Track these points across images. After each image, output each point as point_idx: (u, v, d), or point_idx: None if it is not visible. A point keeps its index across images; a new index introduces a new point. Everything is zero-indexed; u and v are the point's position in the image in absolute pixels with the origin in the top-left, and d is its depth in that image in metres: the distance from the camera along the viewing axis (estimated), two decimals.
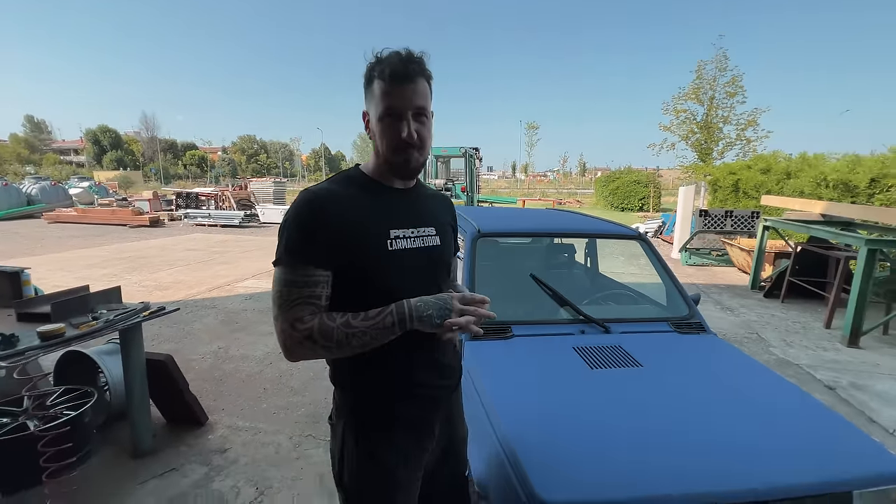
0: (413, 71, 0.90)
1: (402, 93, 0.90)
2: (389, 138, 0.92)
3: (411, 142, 0.92)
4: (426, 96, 0.94)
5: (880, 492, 1.23)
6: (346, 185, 0.97)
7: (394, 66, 0.89)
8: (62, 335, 1.90)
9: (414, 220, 1.00)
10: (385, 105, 0.90)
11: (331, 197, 0.93)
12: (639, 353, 1.75)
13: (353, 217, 0.92)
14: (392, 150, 0.93)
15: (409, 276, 0.97)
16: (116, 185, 29.98)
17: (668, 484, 1.14)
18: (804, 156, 9.15)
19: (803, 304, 5.45)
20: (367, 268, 0.93)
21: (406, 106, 0.91)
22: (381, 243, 0.94)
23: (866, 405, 3.03)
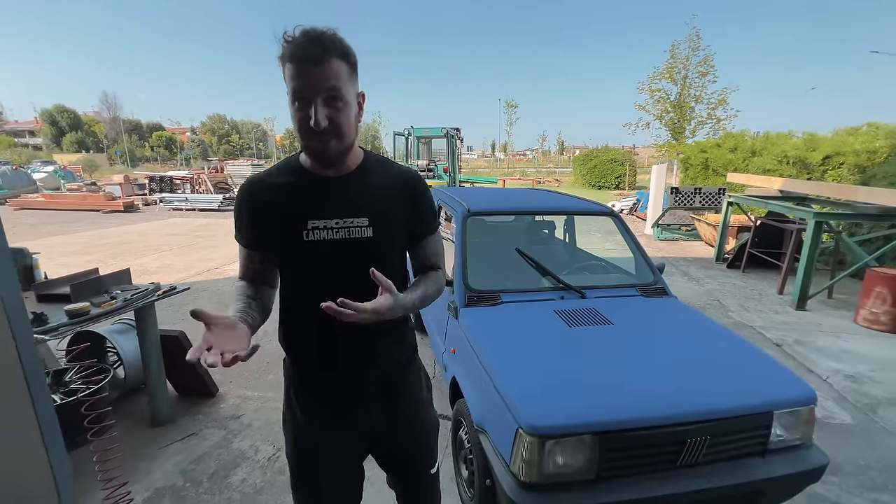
0: (319, 51, 0.82)
1: (310, 75, 0.83)
2: (298, 125, 0.88)
3: (318, 129, 0.86)
4: (340, 77, 0.86)
5: (794, 412, 1.56)
6: (277, 172, 1.01)
7: (298, 46, 0.83)
8: (87, 313, 2.05)
9: (341, 211, 0.96)
10: (292, 89, 0.85)
11: (257, 185, 0.99)
12: (610, 314, 2.04)
13: (271, 206, 0.96)
14: (304, 137, 0.89)
15: (328, 267, 0.97)
16: (80, 168, 28.63)
17: (630, 410, 1.43)
18: (768, 134, 9.66)
19: (761, 273, 5.93)
20: (283, 256, 1.00)
21: (314, 90, 0.84)
22: (295, 233, 0.95)
23: (807, 358, 3.46)
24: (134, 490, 2.00)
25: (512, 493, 1.38)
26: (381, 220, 1.00)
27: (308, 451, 1.11)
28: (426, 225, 1.09)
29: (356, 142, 0.99)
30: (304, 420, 1.09)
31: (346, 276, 0.98)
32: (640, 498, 1.38)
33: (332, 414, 1.09)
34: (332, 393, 1.09)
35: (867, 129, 7.01)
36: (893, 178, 5.58)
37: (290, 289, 1.05)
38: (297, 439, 1.12)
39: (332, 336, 1.02)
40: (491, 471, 1.55)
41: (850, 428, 2.58)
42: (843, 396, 2.91)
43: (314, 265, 0.98)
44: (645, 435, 1.40)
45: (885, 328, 3.96)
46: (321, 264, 0.98)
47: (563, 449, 1.38)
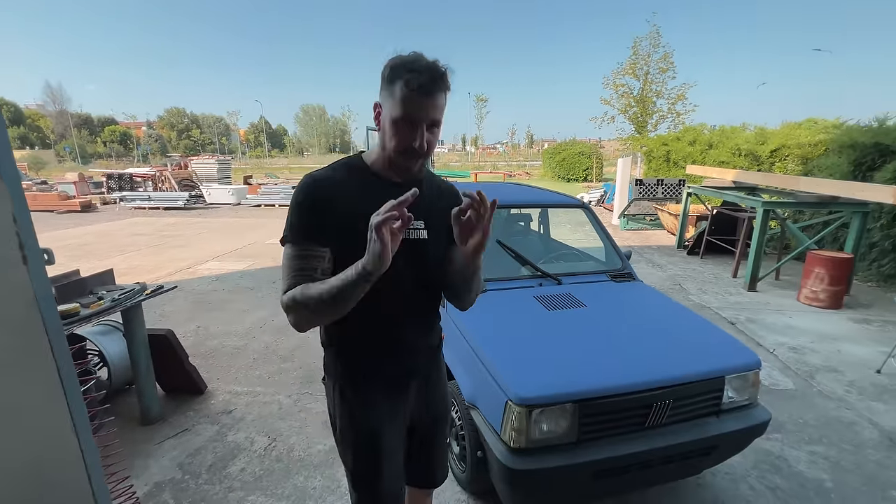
0: (440, 87, 0.92)
1: (424, 105, 0.92)
2: (399, 142, 0.95)
3: (421, 152, 0.96)
4: (442, 109, 0.97)
5: (742, 376, 1.79)
6: (345, 172, 1.03)
7: (424, 79, 0.90)
8: (78, 314, 2.06)
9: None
10: (404, 112, 0.92)
11: (328, 183, 1.00)
12: (584, 297, 2.23)
13: (345, 204, 0.98)
14: (399, 154, 0.97)
15: (391, 266, 0.94)
16: (26, 166, 26.79)
17: (604, 381, 1.62)
18: (723, 128, 10.26)
19: (718, 258, 6.39)
20: (353, 255, 0.92)
21: (424, 118, 0.94)
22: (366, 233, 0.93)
23: (756, 333, 3.82)
24: (134, 485, 2.04)
25: (503, 458, 1.54)
26: (433, 224, 1.09)
27: (373, 445, 1.12)
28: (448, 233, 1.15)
29: None
30: (364, 413, 1.12)
31: (403, 273, 1.03)
32: (614, 456, 1.57)
33: (388, 403, 1.13)
34: (388, 381, 1.13)
35: (809, 123, 7.61)
36: (830, 169, 6.12)
37: None
38: (360, 434, 1.12)
39: (391, 324, 1.08)
40: (483, 442, 1.70)
41: (791, 392, 2.91)
42: (786, 366, 3.26)
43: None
44: (617, 401, 1.59)
45: (823, 305, 4.40)
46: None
47: (548, 417, 1.55)
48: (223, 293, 5.00)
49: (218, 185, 14.56)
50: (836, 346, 3.60)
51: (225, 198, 13.66)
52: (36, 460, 0.89)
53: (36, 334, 0.92)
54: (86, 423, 1.01)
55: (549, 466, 1.53)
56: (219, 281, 5.50)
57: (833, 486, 2.10)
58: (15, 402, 0.86)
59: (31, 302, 0.92)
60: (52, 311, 0.94)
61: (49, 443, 0.94)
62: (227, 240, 8.14)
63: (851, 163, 5.80)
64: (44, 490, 0.91)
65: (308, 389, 2.95)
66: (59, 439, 0.96)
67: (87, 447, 1.01)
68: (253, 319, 4.20)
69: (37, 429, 0.91)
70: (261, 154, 66.28)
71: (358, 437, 1.13)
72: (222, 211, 12.53)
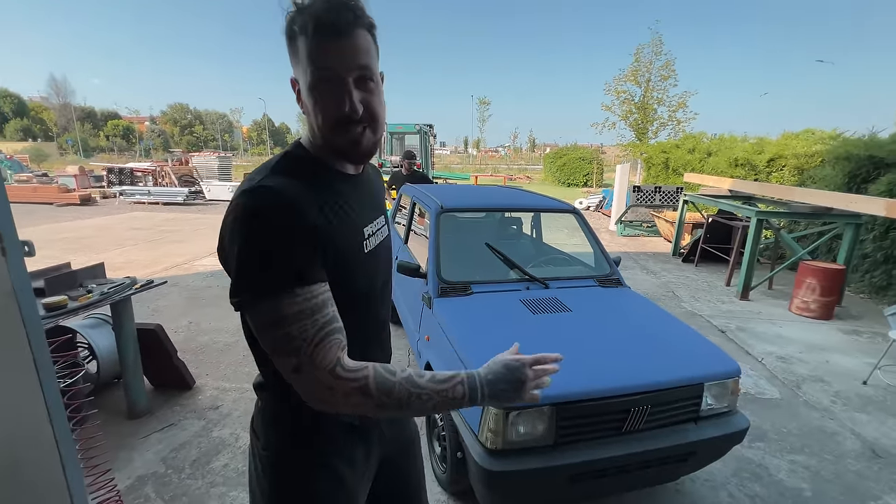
0: (348, 19, 0.67)
1: (337, 51, 0.67)
2: (326, 113, 0.71)
3: (356, 116, 0.71)
4: (370, 52, 0.71)
5: (721, 383, 1.81)
6: (303, 172, 0.74)
7: (321, 14, 0.66)
8: (65, 307, 2.07)
9: (372, 211, 0.85)
10: (315, 69, 0.68)
11: (303, 198, 0.70)
12: (570, 302, 2.25)
13: (331, 216, 0.73)
14: (332, 129, 0.72)
15: (375, 276, 0.85)
16: (27, 158, 26.81)
17: (582, 384, 1.64)
18: (722, 137, 10.30)
19: (712, 266, 6.41)
20: (344, 273, 0.75)
21: (344, 68, 0.68)
22: (359, 246, 0.79)
23: (745, 342, 3.84)
24: (116, 479, 2.04)
25: (480, 460, 1.55)
26: (386, 215, 0.94)
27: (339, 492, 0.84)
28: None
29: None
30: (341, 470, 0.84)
31: (384, 283, 0.88)
32: (591, 460, 1.59)
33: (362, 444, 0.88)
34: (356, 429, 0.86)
35: (806, 134, 7.64)
36: (825, 180, 6.15)
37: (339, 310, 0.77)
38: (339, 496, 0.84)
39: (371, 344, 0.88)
40: (462, 443, 1.72)
41: (777, 402, 2.92)
42: (773, 375, 3.28)
43: (370, 277, 0.83)
44: (594, 405, 1.61)
45: (814, 315, 4.42)
46: (374, 275, 0.84)
47: (525, 419, 1.57)
48: (217, 289, 5.02)
49: (218, 182, 14.59)
50: (824, 356, 3.61)
51: (224, 194, 13.68)
52: (8, 448, 0.91)
53: (13, 325, 0.94)
54: (61, 413, 1.02)
55: (526, 468, 1.54)
56: (213, 277, 5.51)
57: (812, 495, 2.11)
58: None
59: (9, 293, 0.93)
60: (30, 303, 0.95)
61: (23, 431, 0.96)
62: None
63: (846, 174, 5.82)
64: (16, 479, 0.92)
65: None
66: (34, 428, 0.97)
67: (63, 437, 1.02)
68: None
69: (10, 417, 0.92)
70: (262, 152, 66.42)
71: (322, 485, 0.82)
72: (221, 207, 12.55)
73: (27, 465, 0.94)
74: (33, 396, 0.96)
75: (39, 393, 0.97)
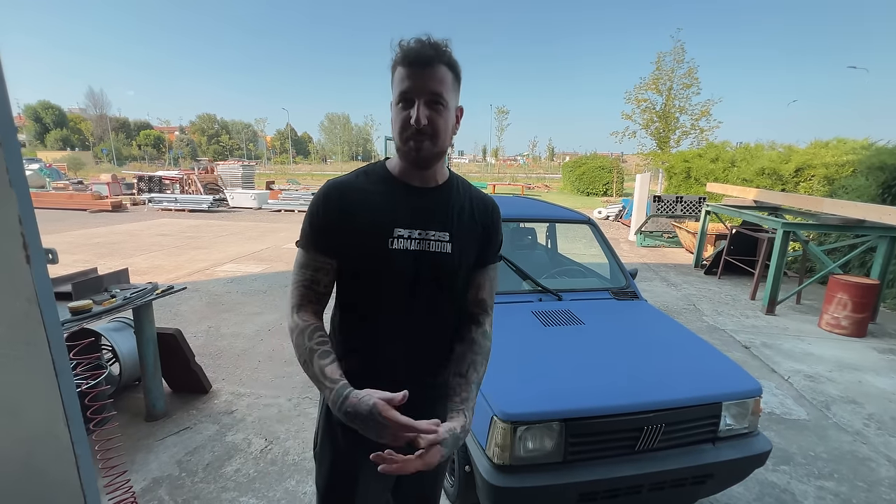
0: (430, 55, 0.86)
1: (418, 77, 0.86)
2: (401, 123, 0.89)
3: (419, 127, 0.87)
4: (444, 83, 0.88)
5: (741, 403, 1.74)
6: (364, 177, 0.98)
7: (411, 50, 0.87)
8: (90, 310, 2.15)
9: (424, 222, 0.95)
10: (399, 90, 0.88)
11: (343, 188, 0.95)
12: (583, 314, 2.21)
13: (359, 209, 0.93)
14: (400, 137, 0.90)
15: (407, 279, 0.94)
16: (65, 166, 28.21)
17: (593, 400, 1.60)
18: (747, 146, 10.03)
19: (736, 279, 6.20)
20: (363, 263, 0.94)
21: (419, 91, 0.87)
22: (381, 239, 0.92)
23: (771, 359, 3.68)
24: (132, 480, 2.09)
25: (487, 475, 1.53)
26: (461, 238, 0.98)
27: (346, 481, 1.04)
28: (493, 254, 1.06)
29: (446, 156, 1.00)
30: (346, 444, 1.01)
31: (423, 291, 0.96)
32: (602, 479, 1.54)
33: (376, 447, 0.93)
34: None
35: (836, 143, 7.36)
36: (857, 191, 5.90)
37: (358, 295, 0.98)
38: (335, 465, 1.04)
39: (402, 342, 0.98)
40: (469, 457, 1.70)
41: (804, 423, 2.78)
42: (801, 395, 3.13)
43: (393, 273, 0.94)
44: (605, 422, 1.57)
45: (845, 332, 4.21)
46: (400, 273, 0.94)
47: (533, 434, 1.54)
48: (237, 295, 5.13)
49: (241, 190, 15.01)
50: (856, 376, 3.43)
51: (247, 202, 14.07)
52: (26, 449, 0.94)
53: (35, 330, 0.98)
54: (78, 416, 1.06)
55: (534, 486, 1.51)
56: (234, 283, 5.64)
57: None
58: (11, 393, 0.91)
59: (32, 299, 0.98)
60: (52, 308, 0.99)
61: (40, 433, 0.99)
62: (245, 243, 8.37)
63: (880, 185, 5.57)
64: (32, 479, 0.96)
65: (308, 394, 2.99)
66: (51, 430, 1.01)
67: (78, 439, 1.06)
68: (262, 322, 4.30)
69: (30, 419, 0.96)
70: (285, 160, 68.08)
71: (331, 469, 1.04)
72: (243, 214, 12.89)
73: (42, 464, 0.97)
74: (51, 398, 0.99)
75: (57, 395, 1.01)
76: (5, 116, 0.82)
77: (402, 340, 0.98)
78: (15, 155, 0.83)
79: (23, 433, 0.94)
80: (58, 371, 1.03)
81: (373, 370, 0.97)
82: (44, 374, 1.00)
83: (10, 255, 0.91)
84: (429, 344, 1.01)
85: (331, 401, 0.85)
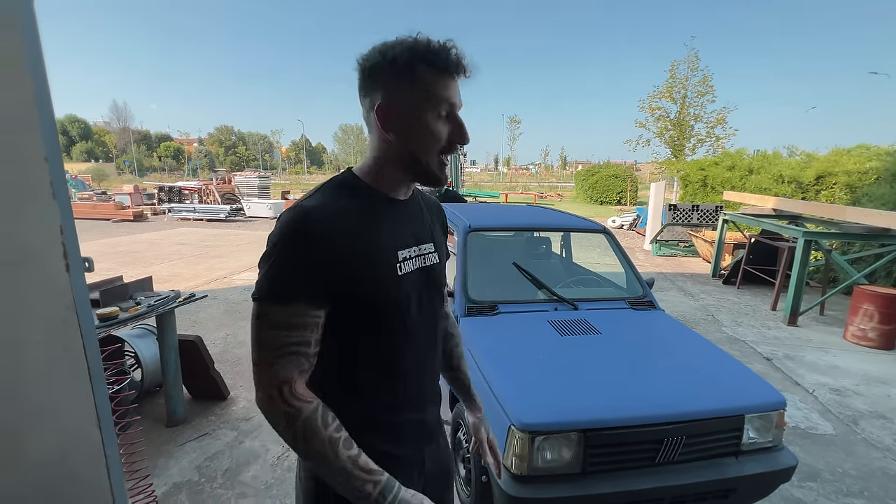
0: (467, 67, 0.78)
1: (455, 89, 0.78)
2: (443, 136, 0.78)
3: (467, 143, 0.82)
4: None
5: (765, 416, 1.70)
6: (345, 197, 0.78)
7: (452, 56, 0.75)
8: (116, 317, 2.22)
9: (416, 236, 0.87)
10: (444, 97, 0.76)
11: (330, 215, 0.74)
12: (599, 324, 2.19)
13: (359, 239, 0.75)
14: (433, 149, 0.79)
15: (414, 302, 0.84)
16: (90, 177, 29.18)
17: (612, 411, 1.58)
18: (764, 154, 9.87)
19: (755, 289, 6.07)
20: (374, 298, 0.77)
21: (459, 104, 0.79)
22: (391, 268, 0.80)
23: (794, 372, 3.58)
24: (154, 484, 2.14)
25: (505, 485, 1.52)
26: (439, 243, 0.94)
27: None
28: (447, 251, 1.04)
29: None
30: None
31: (427, 309, 0.89)
32: (621, 491, 1.52)
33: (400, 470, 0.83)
34: (410, 440, 0.89)
35: (859, 150, 7.20)
36: (882, 199, 5.74)
37: (368, 327, 0.80)
38: None
39: (422, 372, 0.90)
40: (487, 467, 1.69)
41: (831, 438, 2.70)
42: (827, 409, 3.03)
43: (404, 302, 0.83)
44: (625, 433, 1.55)
45: (872, 344, 4.08)
46: (409, 300, 0.84)
47: (551, 445, 1.53)
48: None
49: (258, 200, 15.32)
50: (885, 390, 3.32)
51: (263, 212, 14.33)
52: (62, 451, 0.98)
53: (72, 335, 1.02)
54: (109, 419, 1.09)
55: (552, 497, 1.50)
56: (250, 291, 5.71)
57: None
58: (50, 395, 0.95)
59: (70, 306, 1.02)
60: (88, 315, 1.04)
61: (74, 435, 1.03)
62: (261, 252, 8.50)
63: None
64: (65, 479, 0.99)
65: None
66: (84, 432, 1.05)
67: (109, 442, 1.09)
68: None
69: (65, 421, 0.99)
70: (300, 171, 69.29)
71: None
72: (259, 224, 13.13)
73: (76, 466, 1.01)
74: (85, 401, 1.03)
75: (91, 398, 1.05)
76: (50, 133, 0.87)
77: (420, 370, 0.90)
78: (58, 169, 0.88)
79: (60, 436, 0.98)
80: (92, 376, 1.07)
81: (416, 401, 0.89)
82: (80, 379, 1.04)
83: (52, 264, 0.96)
84: (435, 365, 0.95)
85: (373, 496, 0.71)
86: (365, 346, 0.81)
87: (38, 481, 0.93)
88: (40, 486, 0.94)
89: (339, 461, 0.70)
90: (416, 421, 0.90)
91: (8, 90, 0.75)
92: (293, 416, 0.70)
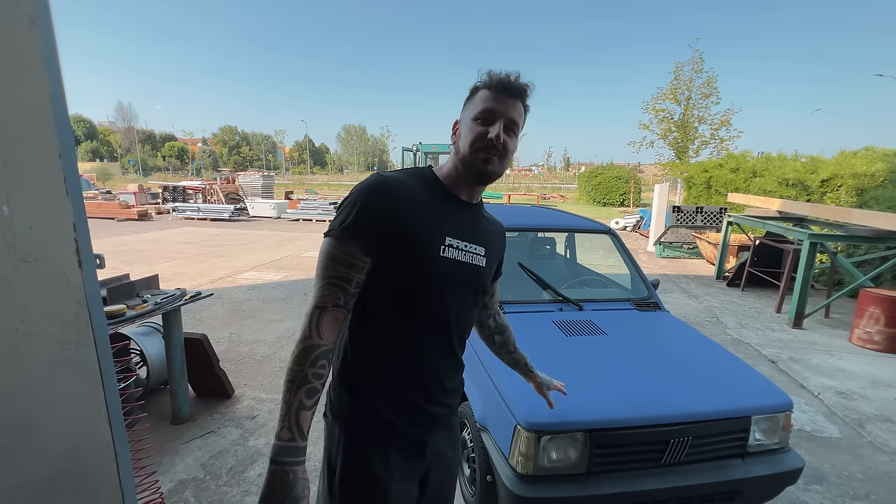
0: (518, 89, 0.93)
1: (503, 102, 0.92)
2: (476, 136, 0.92)
3: (496, 143, 0.91)
4: (521, 116, 0.96)
5: (771, 417, 1.70)
6: (417, 180, 0.96)
7: (503, 80, 0.92)
8: (124, 315, 2.23)
9: (468, 235, 0.98)
10: (483, 108, 0.92)
11: (399, 186, 0.91)
12: (604, 325, 2.19)
13: (415, 212, 0.90)
14: (471, 148, 0.92)
15: (452, 286, 0.96)
16: (94, 177, 29.35)
17: (618, 411, 1.58)
18: (769, 156, 9.83)
19: (760, 292, 6.04)
20: (415, 268, 0.90)
21: (502, 113, 0.92)
22: (434, 246, 0.92)
23: (800, 374, 3.56)
24: (160, 481, 2.15)
25: (510, 484, 1.52)
26: (491, 255, 1.05)
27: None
28: (500, 269, 1.20)
29: None
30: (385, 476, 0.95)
31: (463, 299, 0.99)
32: (627, 492, 1.52)
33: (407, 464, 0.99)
34: (422, 427, 1.00)
35: (865, 152, 7.16)
36: (889, 201, 5.71)
37: (398, 303, 0.92)
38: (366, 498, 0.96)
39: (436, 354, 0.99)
40: (492, 466, 1.69)
41: (837, 441, 2.68)
42: (832, 412, 3.02)
43: (441, 282, 0.94)
44: (631, 434, 1.55)
45: (878, 347, 4.05)
46: (445, 283, 0.95)
47: (557, 444, 1.53)
48: (257, 302, 5.23)
49: (261, 200, 15.37)
50: (891, 393, 3.29)
51: (266, 211, 14.38)
52: (73, 444, 0.99)
53: (84, 330, 1.03)
54: (119, 414, 1.10)
55: (557, 496, 1.49)
56: (254, 290, 5.76)
57: None
58: (62, 389, 0.96)
59: (82, 302, 1.03)
60: (100, 311, 1.05)
61: (85, 430, 1.04)
62: (265, 251, 8.54)
63: None
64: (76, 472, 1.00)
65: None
66: (94, 427, 1.05)
67: (119, 437, 1.10)
68: (283, 329, 4.37)
69: (76, 415, 1.00)
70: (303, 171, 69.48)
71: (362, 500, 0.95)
72: (263, 224, 13.17)
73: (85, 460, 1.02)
74: (96, 396, 1.04)
75: (101, 393, 1.05)
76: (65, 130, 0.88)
77: (437, 353, 0.99)
78: (72, 166, 0.89)
79: (70, 428, 0.98)
80: (103, 370, 1.08)
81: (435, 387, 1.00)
82: (90, 373, 1.05)
83: (65, 260, 0.97)
84: (458, 354, 1.05)
85: (276, 451, 0.81)
86: (388, 320, 0.93)
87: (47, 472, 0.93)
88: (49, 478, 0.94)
89: (290, 396, 0.81)
90: (422, 400, 0.98)
91: (25, 88, 0.76)
92: (304, 337, 0.84)
